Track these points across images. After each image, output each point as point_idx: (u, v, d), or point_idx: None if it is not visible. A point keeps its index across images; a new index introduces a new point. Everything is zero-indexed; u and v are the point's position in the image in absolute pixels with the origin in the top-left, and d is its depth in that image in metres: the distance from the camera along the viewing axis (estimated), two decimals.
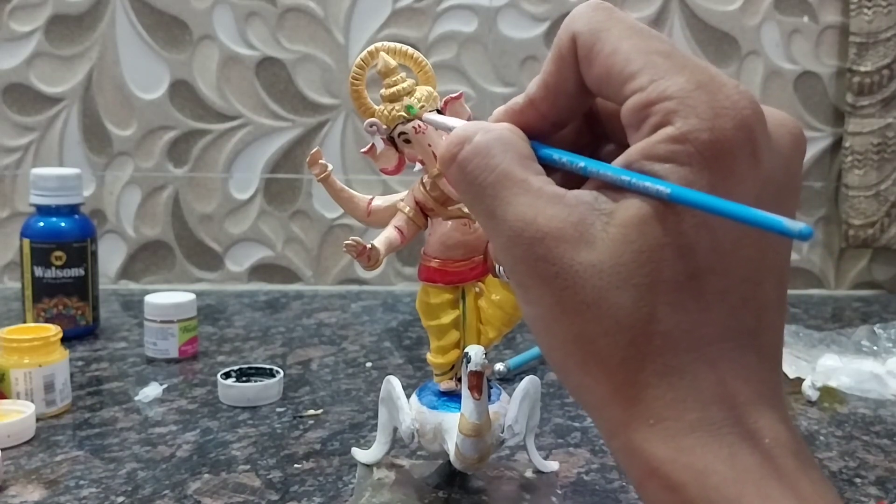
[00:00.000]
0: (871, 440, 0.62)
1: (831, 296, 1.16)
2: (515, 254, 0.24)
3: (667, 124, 0.22)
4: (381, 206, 0.48)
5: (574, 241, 0.23)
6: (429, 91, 0.46)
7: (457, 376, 0.48)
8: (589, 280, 0.23)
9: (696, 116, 0.22)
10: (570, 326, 0.23)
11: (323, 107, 1.11)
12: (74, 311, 0.84)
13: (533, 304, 0.24)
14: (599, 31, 0.24)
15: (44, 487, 0.52)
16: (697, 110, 0.22)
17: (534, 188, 0.24)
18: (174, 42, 1.08)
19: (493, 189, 0.24)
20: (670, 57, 0.23)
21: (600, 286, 0.23)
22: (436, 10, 1.10)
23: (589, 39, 0.24)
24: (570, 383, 0.25)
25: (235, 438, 0.60)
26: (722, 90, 0.23)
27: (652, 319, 0.23)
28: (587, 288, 0.23)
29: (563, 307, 0.23)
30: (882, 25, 1.11)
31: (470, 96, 1.10)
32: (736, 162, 0.22)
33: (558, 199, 0.24)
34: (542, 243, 0.23)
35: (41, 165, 1.07)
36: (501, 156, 0.25)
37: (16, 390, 0.62)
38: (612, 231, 0.23)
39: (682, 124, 0.22)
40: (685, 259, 0.22)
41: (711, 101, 0.22)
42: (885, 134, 1.12)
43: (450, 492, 0.50)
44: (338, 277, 1.14)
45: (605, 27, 0.24)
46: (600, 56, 0.24)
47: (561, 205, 0.23)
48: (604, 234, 0.23)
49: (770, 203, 0.23)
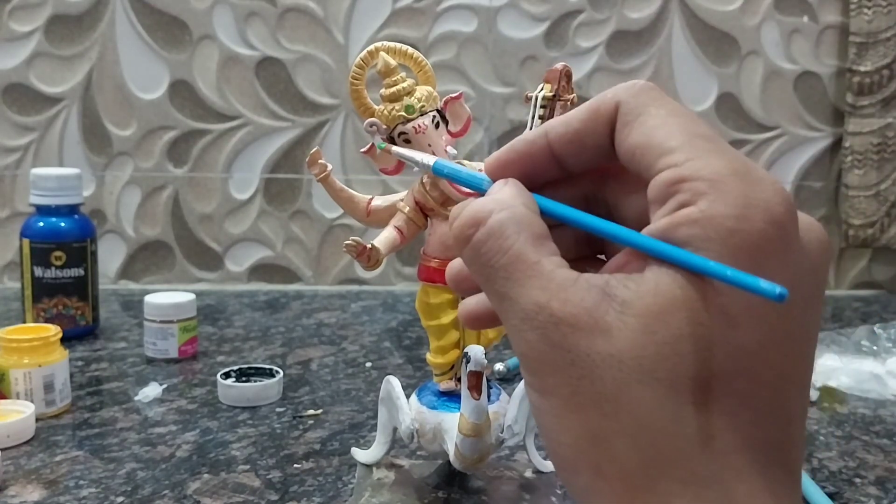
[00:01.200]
0: (871, 440, 0.62)
1: (831, 296, 1.16)
2: (528, 338, 0.23)
3: (690, 203, 0.22)
4: (381, 206, 0.48)
5: (589, 329, 0.22)
6: (429, 91, 0.46)
7: (456, 376, 0.48)
8: (608, 371, 0.21)
9: (725, 203, 0.21)
10: (584, 421, 0.22)
11: (323, 107, 1.11)
12: (74, 311, 0.84)
13: (545, 394, 0.23)
14: (648, 105, 0.24)
15: (43, 487, 0.52)
16: (728, 197, 0.21)
17: (546, 271, 0.23)
18: (174, 42, 1.08)
19: (506, 271, 0.24)
20: (712, 141, 0.23)
21: (620, 378, 0.21)
22: (436, 10, 1.10)
23: (634, 108, 0.24)
24: (578, 485, 0.23)
25: (235, 438, 0.60)
26: (758, 183, 0.22)
27: (676, 419, 0.21)
28: (606, 379, 0.21)
29: (579, 399, 0.22)
30: (882, 25, 1.11)
31: (470, 96, 1.10)
32: (763, 258, 0.21)
33: (571, 282, 0.23)
34: (557, 329, 0.22)
35: (41, 165, 1.07)
36: (515, 237, 0.24)
37: (15, 390, 0.62)
38: (631, 321, 0.21)
39: (707, 207, 0.21)
40: (710, 353, 0.21)
41: (745, 189, 0.21)
42: (884, 134, 1.12)
43: (449, 492, 0.50)
44: (338, 277, 1.14)
45: (654, 104, 0.24)
46: (642, 126, 0.24)
47: (574, 288, 0.23)
48: (620, 322, 0.22)
49: (795, 310, 0.22)
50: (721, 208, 0.21)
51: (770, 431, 0.22)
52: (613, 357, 0.21)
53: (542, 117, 0.43)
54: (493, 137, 1.12)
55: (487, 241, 0.24)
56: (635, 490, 0.22)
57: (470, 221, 0.25)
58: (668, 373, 0.21)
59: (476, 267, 0.25)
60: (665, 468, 0.21)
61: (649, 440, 0.21)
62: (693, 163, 0.22)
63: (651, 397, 0.21)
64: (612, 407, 0.21)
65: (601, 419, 0.22)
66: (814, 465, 0.58)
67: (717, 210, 0.21)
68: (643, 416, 0.21)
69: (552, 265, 0.24)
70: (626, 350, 0.21)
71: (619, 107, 0.25)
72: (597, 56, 1.12)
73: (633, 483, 0.22)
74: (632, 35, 1.12)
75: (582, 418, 0.22)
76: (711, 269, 0.21)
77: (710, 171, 0.22)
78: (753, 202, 0.21)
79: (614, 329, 0.22)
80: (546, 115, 0.43)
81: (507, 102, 1.12)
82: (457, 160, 0.46)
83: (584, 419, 0.22)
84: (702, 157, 0.22)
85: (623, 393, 0.21)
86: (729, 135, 1.14)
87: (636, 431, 0.21)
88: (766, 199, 0.21)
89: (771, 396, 0.22)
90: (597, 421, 0.22)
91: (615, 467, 0.22)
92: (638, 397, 0.21)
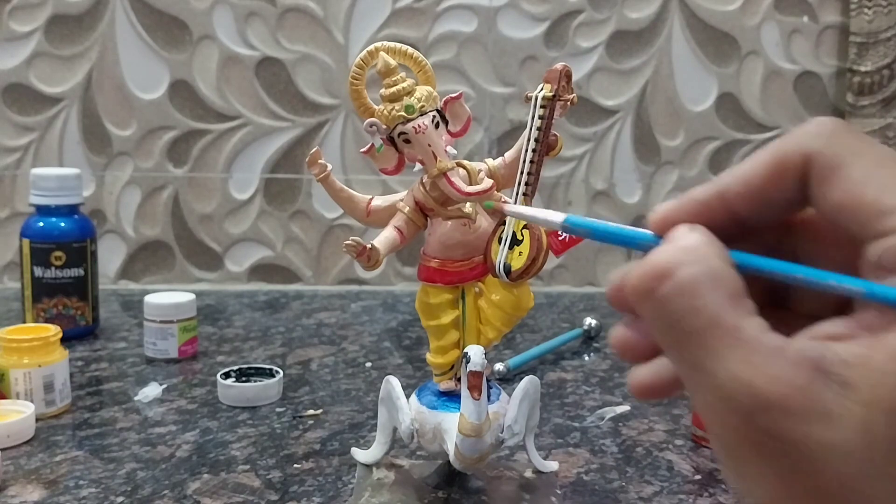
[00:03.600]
0: None
1: None
2: (729, 421, 0.20)
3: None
4: (381, 206, 0.48)
5: (804, 413, 0.19)
6: (428, 91, 0.46)
7: (456, 376, 0.48)
8: (830, 464, 0.19)
9: None
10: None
11: (323, 107, 1.11)
12: (74, 311, 0.84)
13: (751, 483, 0.21)
14: (847, 155, 0.21)
15: (43, 487, 0.52)
16: None
17: (749, 338, 0.20)
18: (174, 42, 1.08)
19: (701, 337, 0.21)
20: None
21: (846, 474, 0.19)
22: (436, 10, 1.10)
23: (832, 160, 0.21)
24: None
25: (235, 438, 0.60)
26: None
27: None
28: (828, 474, 0.19)
29: (793, 492, 0.20)
30: (882, 25, 1.11)
31: (470, 96, 1.10)
32: None
33: (779, 353, 0.20)
34: (766, 413, 0.20)
35: (41, 165, 1.07)
36: (710, 295, 0.21)
37: (15, 390, 0.62)
38: (857, 410, 0.19)
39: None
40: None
41: None
42: (885, 134, 1.12)
43: (449, 492, 0.50)
44: (337, 277, 1.14)
45: (854, 151, 0.21)
46: (847, 182, 0.21)
47: (783, 362, 0.20)
48: (843, 409, 0.19)
49: None
50: None
51: None
52: (838, 448, 0.19)
53: (542, 117, 0.43)
54: (493, 137, 1.12)
55: (677, 298, 0.21)
56: None
57: (655, 273, 0.22)
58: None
59: (660, 328, 0.22)
60: None
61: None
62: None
63: (883, 494, 0.19)
64: (836, 503, 0.19)
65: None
66: None
67: None
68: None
69: (754, 330, 0.20)
70: (852, 440, 0.19)
71: (812, 160, 0.22)
72: (597, 56, 1.12)
73: None
74: (632, 35, 1.12)
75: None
76: None
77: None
78: None
79: (835, 415, 0.19)
80: (546, 114, 0.43)
81: (507, 102, 1.12)
82: (456, 160, 0.46)
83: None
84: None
85: (851, 490, 0.19)
86: (729, 135, 1.14)
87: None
88: None
89: None
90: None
91: None
92: (869, 494, 0.19)
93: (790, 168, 0.22)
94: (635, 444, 0.61)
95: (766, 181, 0.22)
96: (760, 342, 0.20)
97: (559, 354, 0.82)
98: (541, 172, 0.44)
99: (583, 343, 0.87)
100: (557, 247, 0.44)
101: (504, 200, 0.47)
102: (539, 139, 0.43)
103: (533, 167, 0.44)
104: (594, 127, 1.14)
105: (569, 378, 0.75)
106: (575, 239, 0.45)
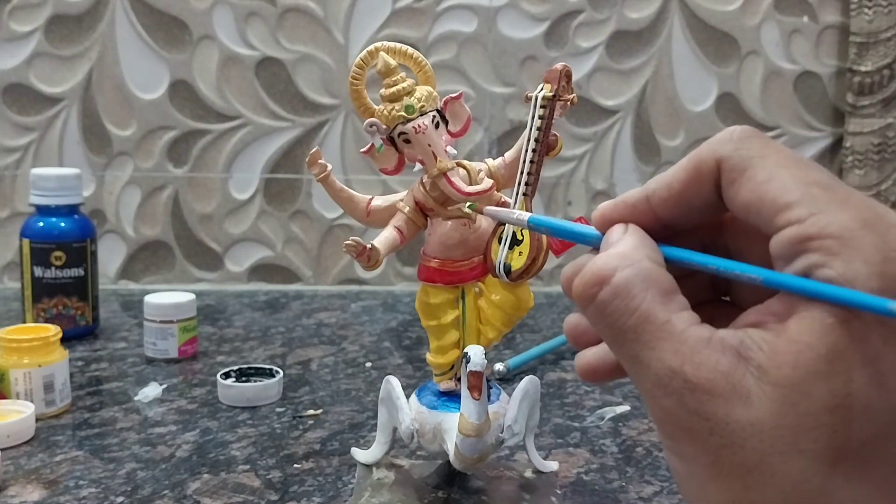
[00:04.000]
0: None
1: None
2: (664, 405, 0.22)
3: (824, 266, 0.21)
4: (381, 206, 0.48)
5: (727, 395, 0.21)
6: (428, 91, 0.46)
7: (456, 376, 0.48)
8: (748, 441, 0.21)
9: (863, 261, 0.20)
10: (727, 492, 0.22)
11: (323, 107, 1.11)
12: (74, 311, 0.84)
13: (685, 461, 0.23)
14: (753, 158, 0.23)
15: (43, 487, 0.52)
16: (863, 253, 0.20)
17: (678, 331, 0.22)
18: (174, 42, 1.08)
19: (635, 333, 0.23)
20: (831, 190, 0.22)
21: (762, 450, 0.21)
22: (435, 10, 1.10)
23: (739, 164, 0.23)
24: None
25: (235, 438, 0.60)
26: (891, 231, 0.21)
27: (823, 492, 0.20)
28: (747, 450, 0.21)
29: (720, 469, 0.22)
30: (882, 25, 1.11)
31: (469, 96, 1.10)
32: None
33: (704, 343, 0.22)
34: (693, 396, 0.22)
35: (41, 165, 1.07)
36: (642, 295, 0.23)
37: (15, 390, 0.62)
38: (769, 390, 0.21)
39: (844, 269, 0.20)
40: (858, 423, 0.20)
41: (879, 242, 0.20)
42: (885, 134, 1.12)
43: (449, 492, 0.50)
44: (337, 277, 1.14)
45: (760, 154, 0.23)
46: (752, 182, 0.23)
47: (708, 350, 0.22)
48: (759, 390, 0.21)
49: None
50: (859, 267, 0.20)
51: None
52: (754, 426, 0.21)
53: (542, 117, 0.43)
54: (493, 137, 1.12)
55: (613, 300, 0.24)
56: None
57: (593, 280, 0.24)
58: (812, 444, 0.20)
59: (602, 328, 0.24)
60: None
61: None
62: (817, 218, 0.21)
63: (796, 470, 0.20)
64: (756, 479, 0.21)
65: (744, 491, 0.21)
66: None
67: (855, 271, 0.20)
68: (789, 489, 0.21)
69: (683, 323, 0.23)
70: (766, 420, 0.21)
71: (721, 163, 0.24)
72: (597, 56, 1.12)
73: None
74: (632, 35, 1.12)
75: (725, 488, 0.22)
76: (870, 303, 0.19)
77: (838, 226, 0.21)
78: (891, 255, 0.20)
79: (753, 396, 0.21)
80: (546, 115, 0.43)
81: (507, 102, 1.12)
82: (456, 160, 0.46)
83: (727, 489, 0.22)
84: (825, 211, 0.21)
85: (766, 464, 0.21)
86: None
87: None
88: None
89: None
90: (740, 493, 0.21)
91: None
92: (782, 470, 0.21)
93: (705, 172, 0.24)
94: (635, 444, 0.61)
95: (684, 185, 0.25)
96: (688, 334, 0.22)
97: (559, 354, 0.82)
98: (541, 172, 0.44)
99: None
100: (557, 247, 0.44)
101: (504, 200, 0.47)
102: (539, 139, 0.43)
103: (533, 167, 0.44)
104: (594, 127, 1.14)
105: (569, 378, 0.75)
106: None
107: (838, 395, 0.20)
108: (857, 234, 0.20)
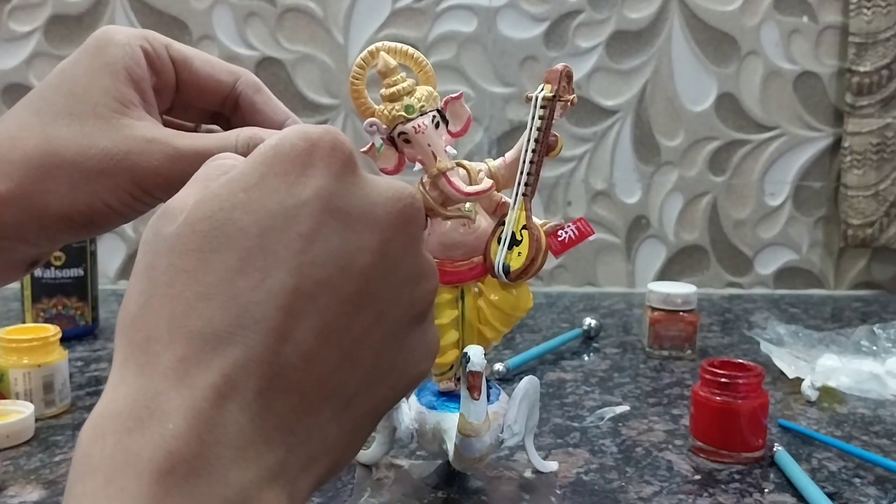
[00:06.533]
0: (871, 440, 0.62)
1: (830, 296, 1.16)
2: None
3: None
4: None
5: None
6: (429, 91, 0.45)
7: (456, 376, 0.48)
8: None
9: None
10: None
11: (323, 107, 1.11)
12: (74, 311, 0.84)
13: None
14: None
15: (43, 488, 0.52)
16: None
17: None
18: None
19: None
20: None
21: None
22: (435, 10, 1.10)
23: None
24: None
25: None
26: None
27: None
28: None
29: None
30: (881, 25, 1.11)
31: (470, 96, 1.10)
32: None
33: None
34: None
35: None
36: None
37: (15, 390, 0.62)
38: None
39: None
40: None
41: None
42: (884, 134, 1.12)
43: (449, 492, 0.50)
44: None
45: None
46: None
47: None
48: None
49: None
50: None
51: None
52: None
53: (542, 118, 0.43)
54: (493, 137, 1.12)
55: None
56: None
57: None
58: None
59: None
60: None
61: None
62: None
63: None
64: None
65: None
66: (814, 465, 0.58)
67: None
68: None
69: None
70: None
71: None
72: (596, 56, 1.12)
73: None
74: (631, 35, 1.12)
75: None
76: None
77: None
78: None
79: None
80: (546, 115, 0.43)
81: (507, 102, 1.12)
82: (456, 160, 0.46)
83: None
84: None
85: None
86: (729, 135, 1.14)
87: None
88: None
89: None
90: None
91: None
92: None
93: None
94: (635, 444, 0.61)
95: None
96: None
97: (559, 354, 0.82)
98: (541, 173, 0.44)
99: (582, 343, 0.87)
100: (556, 247, 0.44)
101: (504, 201, 0.47)
102: (539, 139, 0.43)
103: (533, 167, 0.44)
104: (594, 127, 1.14)
105: (568, 378, 0.75)
106: (574, 240, 0.45)
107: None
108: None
